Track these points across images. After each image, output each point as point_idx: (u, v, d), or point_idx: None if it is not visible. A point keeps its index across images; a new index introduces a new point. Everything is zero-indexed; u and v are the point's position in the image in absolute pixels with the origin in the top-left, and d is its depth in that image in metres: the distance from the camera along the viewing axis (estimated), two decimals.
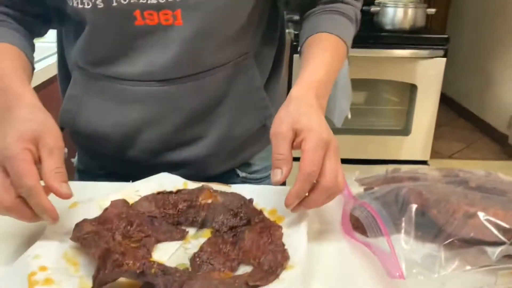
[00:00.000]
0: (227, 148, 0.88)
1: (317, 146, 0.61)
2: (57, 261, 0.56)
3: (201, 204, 0.68)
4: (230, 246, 0.61)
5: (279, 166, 0.62)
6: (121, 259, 0.56)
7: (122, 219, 0.62)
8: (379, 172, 0.80)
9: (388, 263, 0.56)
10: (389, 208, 0.65)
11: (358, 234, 0.68)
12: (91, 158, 0.93)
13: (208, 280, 0.53)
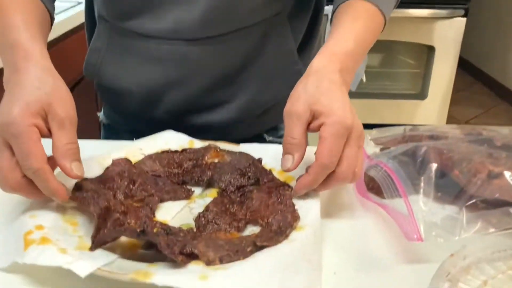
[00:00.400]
0: (254, 113, 0.84)
1: (338, 133, 0.54)
2: (55, 221, 0.53)
3: (207, 163, 0.65)
4: (237, 206, 0.58)
5: (290, 151, 0.57)
6: (122, 218, 0.53)
7: (124, 178, 0.59)
8: (396, 131, 0.75)
9: (405, 225, 0.53)
10: (407, 168, 0.61)
11: (372, 195, 0.65)
12: (116, 113, 0.90)
13: (213, 241, 0.50)
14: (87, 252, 0.49)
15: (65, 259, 0.46)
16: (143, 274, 0.45)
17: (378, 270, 0.52)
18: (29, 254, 0.47)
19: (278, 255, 0.48)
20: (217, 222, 0.55)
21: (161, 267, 0.47)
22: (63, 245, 0.49)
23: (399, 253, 0.54)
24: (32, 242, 0.48)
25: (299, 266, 0.47)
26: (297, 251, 0.49)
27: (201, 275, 0.45)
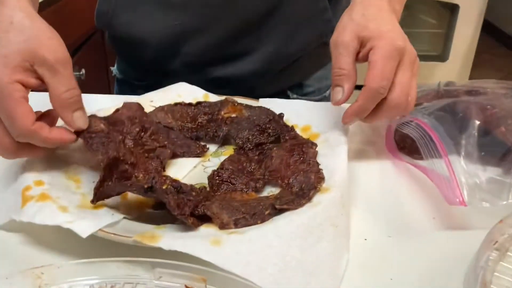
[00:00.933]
0: (277, 66, 0.78)
1: (389, 55, 0.50)
2: (57, 176, 0.48)
3: (224, 117, 0.59)
4: (255, 165, 0.52)
5: (340, 83, 0.52)
6: (130, 170, 0.48)
7: (135, 123, 0.53)
8: (429, 86, 0.68)
9: (446, 188, 0.47)
10: (445, 125, 0.54)
11: (404, 155, 0.59)
12: (130, 67, 0.85)
13: (228, 202, 0.45)
14: (90, 211, 0.44)
15: (65, 218, 0.42)
16: (149, 237, 0.40)
17: (413, 237, 0.46)
18: (26, 211, 0.43)
19: (300, 219, 0.43)
20: (233, 182, 0.50)
21: (169, 229, 0.43)
22: (64, 203, 0.44)
23: (437, 219, 0.48)
24: (31, 198, 0.44)
25: (323, 232, 0.42)
26: (322, 215, 0.44)
27: (214, 240, 0.40)
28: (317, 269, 0.40)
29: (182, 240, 0.40)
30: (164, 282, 0.37)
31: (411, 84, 0.51)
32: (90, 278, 0.37)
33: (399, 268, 0.42)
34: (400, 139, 0.61)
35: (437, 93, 0.67)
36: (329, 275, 0.40)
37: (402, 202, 0.51)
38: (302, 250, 0.40)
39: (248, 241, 0.40)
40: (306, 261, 0.40)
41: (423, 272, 0.42)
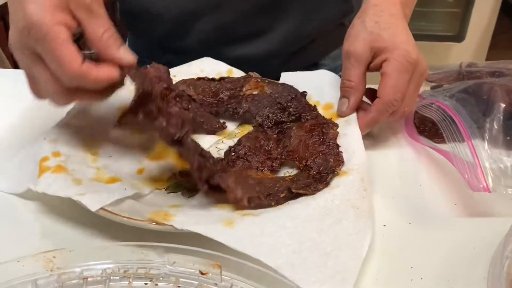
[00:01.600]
0: (294, 46, 0.76)
1: (404, 68, 0.50)
2: (75, 148, 0.48)
3: (245, 94, 0.57)
4: (273, 143, 0.51)
5: (347, 95, 0.53)
6: (156, 114, 0.43)
7: (161, 81, 0.52)
8: (451, 67, 0.66)
9: (469, 174, 0.45)
10: (468, 108, 0.52)
11: (424, 138, 0.57)
12: (142, 44, 0.83)
13: (243, 178, 0.44)
14: (103, 185, 0.44)
15: (78, 190, 0.41)
16: (162, 215, 0.39)
17: (434, 224, 0.45)
18: (42, 182, 0.42)
19: (316, 202, 0.42)
20: (249, 159, 0.48)
21: (183, 209, 0.42)
22: (79, 176, 0.44)
23: (459, 205, 0.47)
24: (47, 169, 0.44)
25: (342, 213, 0.41)
26: (340, 197, 0.42)
27: (227, 221, 0.39)
28: (336, 249, 0.38)
29: (195, 220, 0.39)
30: (178, 268, 0.36)
31: (415, 94, 0.53)
32: (103, 262, 0.36)
33: (419, 256, 0.41)
34: (420, 122, 0.59)
35: (459, 75, 0.64)
36: (349, 256, 0.38)
37: (422, 188, 0.49)
38: (318, 231, 0.39)
39: (262, 223, 0.39)
40: (323, 242, 0.38)
41: (445, 260, 0.40)
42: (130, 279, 0.36)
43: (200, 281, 0.36)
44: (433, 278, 0.39)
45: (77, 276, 0.36)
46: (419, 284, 0.38)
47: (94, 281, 0.36)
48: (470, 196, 0.47)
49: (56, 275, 0.36)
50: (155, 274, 0.36)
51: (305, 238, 0.38)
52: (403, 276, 0.39)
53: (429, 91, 0.61)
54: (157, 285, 0.36)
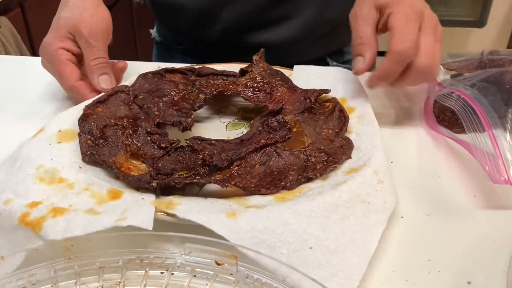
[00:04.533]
0: (316, 33, 0.76)
1: (408, 18, 0.49)
2: (42, 191, 0.41)
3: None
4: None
5: (360, 52, 0.52)
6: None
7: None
8: (472, 55, 0.64)
9: (490, 165, 0.44)
10: (490, 97, 0.51)
11: (444, 128, 0.56)
12: (169, 31, 0.85)
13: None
14: (117, 203, 0.40)
15: (110, 218, 0.37)
16: (166, 203, 0.39)
17: (453, 216, 0.44)
18: (50, 229, 0.36)
19: (322, 198, 0.40)
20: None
21: (187, 199, 0.41)
22: (82, 207, 0.39)
23: (478, 197, 0.46)
24: (42, 219, 0.37)
25: (350, 209, 0.40)
26: (348, 193, 0.41)
27: (230, 212, 0.38)
28: (341, 246, 0.37)
29: (198, 209, 0.39)
30: (194, 258, 0.36)
31: (435, 50, 0.50)
32: (120, 251, 0.37)
33: (437, 249, 0.40)
34: (440, 111, 0.58)
35: (480, 63, 0.63)
36: (355, 253, 0.37)
37: (441, 179, 0.48)
38: (323, 227, 0.38)
39: (265, 217, 0.38)
40: (327, 239, 0.37)
41: (464, 253, 0.40)
42: (147, 268, 0.36)
43: (216, 271, 0.36)
44: (451, 272, 0.38)
45: (95, 264, 0.36)
46: (436, 277, 0.38)
47: (111, 269, 0.36)
48: (490, 188, 0.46)
49: (74, 263, 0.36)
50: (171, 264, 0.37)
51: (308, 235, 0.37)
52: (421, 269, 0.38)
53: (449, 80, 0.60)
54: (173, 274, 0.36)
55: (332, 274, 0.35)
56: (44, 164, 0.43)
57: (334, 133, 0.49)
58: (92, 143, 0.46)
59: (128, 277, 0.36)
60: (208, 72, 0.58)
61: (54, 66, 0.55)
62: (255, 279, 0.35)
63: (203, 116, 0.58)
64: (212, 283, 0.35)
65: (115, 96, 0.52)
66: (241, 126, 0.56)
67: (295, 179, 0.43)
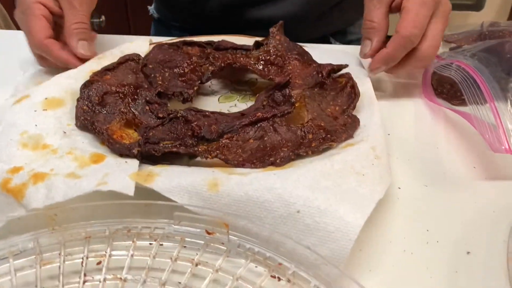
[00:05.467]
0: (319, 8, 0.73)
1: (424, 3, 0.48)
2: (25, 156, 0.39)
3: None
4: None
5: (369, 36, 0.51)
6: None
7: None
8: (473, 26, 0.63)
9: (491, 135, 0.43)
10: (491, 67, 0.49)
11: (442, 100, 0.54)
12: (167, 7, 0.83)
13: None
14: (99, 166, 0.39)
15: (90, 181, 0.36)
16: (144, 175, 0.36)
17: (452, 187, 0.43)
18: (32, 198, 0.35)
19: (312, 165, 0.38)
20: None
21: (170, 168, 0.38)
22: (64, 171, 0.38)
23: (478, 168, 0.45)
24: (23, 186, 0.36)
25: (343, 178, 0.37)
26: (341, 163, 0.38)
27: (212, 183, 0.36)
28: (333, 205, 0.34)
29: (177, 181, 0.36)
30: (184, 227, 0.35)
31: (440, 36, 0.50)
32: (105, 221, 0.35)
33: (436, 219, 0.39)
34: (438, 84, 0.56)
35: (480, 35, 0.61)
36: (350, 211, 0.33)
37: (439, 151, 0.47)
38: (312, 190, 0.35)
39: (248, 184, 0.35)
40: (316, 199, 0.34)
41: (463, 224, 0.39)
42: (134, 239, 0.35)
43: (207, 241, 0.35)
44: (450, 242, 0.37)
45: (80, 234, 0.35)
46: (435, 247, 0.37)
47: (97, 240, 0.35)
48: (490, 159, 0.45)
49: (58, 234, 0.34)
50: (159, 234, 0.35)
51: (296, 198, 0.34)
52: (418, 239, 0.37)
53: (448, 52, 0.58)
54: (162, 245, 0.35)
55: (322, 239, 0.33)
56: (28, 130, 0.41)
57: (341, 110, 0.47)
58: (88, 108, 0.45)
59: (114, 248, 0.35)
60: (227, 46, 0.55)
61: (26, 18, 0.51)
62: (247, 248, 0.34)
63: (213, 89, 0.56)
64: (202, 253, 0.34)
65: (125, 64, 0.51)
66: (234, 99, 0.54)
67: (286, 156, 0.40)
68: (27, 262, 0.33)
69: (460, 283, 0.34)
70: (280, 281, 0.32)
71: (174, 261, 0.34)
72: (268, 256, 0.33)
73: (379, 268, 0.35)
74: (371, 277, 0.34)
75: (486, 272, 0.35)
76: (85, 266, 0.33)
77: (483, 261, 0.35)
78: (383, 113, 0.47)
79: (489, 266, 0.35)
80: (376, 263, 0.35)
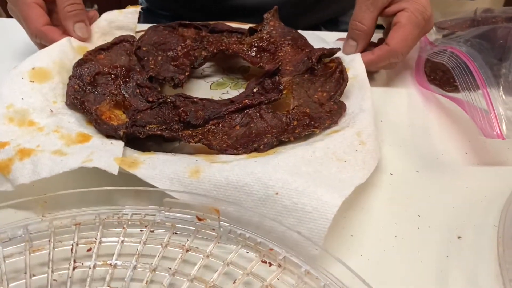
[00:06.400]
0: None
1: (418, 23, 0.50)
2: (10, 132, 0.40)
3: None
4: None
5: (356, 38, 0.52)
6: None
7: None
8: (466, 13, 0.62)
9: (482, 120, 0.43)
10: (484, 53, 0.49)
11: (435, 87, 0.54)
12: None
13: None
14: (84, 145, 0.39)
15: (76, 158, 0.36)
16: (129, 162, 0.37)
17: (443, 173, 0.43)
18: (19, 173, 0.36)
19: (293, 151, 0.38)
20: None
21: (154, 156, 0.38)
22: (51, 148, 0.38)
23: (470, 154, 0.45)
24: (9, 161, 0.36)
25: (323, 165, 0.37)
26: (325, 150, 0.38)
27: (194, 170, 0.36)
28: (311, 187, 0.34)
29: (160, 168, 0.36)
30: (174, 214, 0.35)
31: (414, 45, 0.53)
32: (96, 208, 0.35)
33: (427, 205, 0.39)
34: (431, 70, 0.56)
35: (473, 21, 0.61)
36: (327, 191, 0.34)
37: (431, 137, 0.47)
38: (291, 174, 0.35)
39: (229, 170, 0.35)
40: (295, 181, 0.34)
41: (454, 209, 0.39)
42: (124, 225, 0.35)
43: (198, 227, 0.34)
44: (442, 227, 0.37)
45: (70, 221, 0.34)
46: (426, 232, 0.37)
47: (87, 227, 0.35)
48: (482, 145, 0.45)
49: (48, 221, 0.34)
50: (150, 221, 0.35)
51: (275, 180, 0.34)
52: (410, 225, 0.37)
53: (441, 39, 0.58)
54: (153, 231, 0.35)
55: (300, 219, 0.33)
56: (14, 104, 0.41)
57: (328, 96, 0.46)
58: (79, 88, 0.45)
59: (105, 234, 0.34)
60: (223, 29, 0.55)
61: (19, 8, 0.51)
62: (238, 234, 0.33)
63: (205, 74, 0.56)
64: (193, 239, 0.34)
65: (119, 45, 0.52)
66: (226, 86, 0.54)
67: (269, 142, 0.40)
68: (16, 249, 0.33)
69: (451, 268, 0.34)
70: (271, 266, 0.32)
71: (164, 247, 0.33)
72: (259, 242, 0.33)
73: (370, 253, 0.35)
74: (362, 261, 0.34)
75: (477, 257, 0.35)
76: (75, 253, 0.33)
77: (473, 245, 0.36)
78: (376, 99, 0.47)
79: (479, 250, 0.35)
80: (367, 248, 0.35)
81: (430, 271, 0.34)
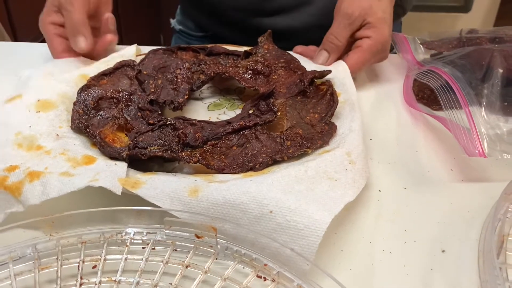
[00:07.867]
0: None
1: (376, 51, 0.58)
2: (19, 156, 0.42)
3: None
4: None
5: (330, 50, 0.59)
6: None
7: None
8: (451, 34, 0.65)
9: (465, 139, 0.45)
10: (467, 74, 0.52)
11: (422, 106, 0.57)
12: (188, 17, 0.88)
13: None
14: (91, 167, 0.41)
15: (83, 178, 0.38)
16: (132, 182, 0.39)
17: (429, 189, 0.45)
18: (29, 194, 0.38)
19: (287, 171, 0.40)
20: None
21: (156, 176, 0.40)
22: (58, 170, 0.40)
23: (455, 170, 0.47)
24: (20, 184, 0.39)
25: (315, 184, 0.39)
26: (315, 169, 0.40)
27: (192, 189, 0.38)
28: (303, 205, 0.36)
29: (162, 188, 0.38)
30: (174, 232, 0.37)
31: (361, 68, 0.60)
32: (100, 227, 0.37)
33: (414, 220, 0.41)
34: (419, 89, 0.59)
35: (459, 42, 0.64)
36: (318, 210, 0.36)
37: (418, 154, 0.49)
38: (284, 193, 0.37)
39: (226, 190, 0.37)
40: (288, 200, 0.36)
41: (439, 224, 0.41)
42: (128, 243, 0.37)
43: (196, 244, 0.37)
44: (427, 241, 0.39)
45: (76, 240, 0.37)
46: (412, 246, 0.39)
47: (92, 245, 0.37)
48: (466, 162, 0.48)
49: (55, 240, 0.36)
50: (151, 239, 0.37)
51: (269, 199, 0.36)
52: (397, 239, 0.39)
53: (429, 59, 0.61)
54: (154, 249, 0.37)
55: (292, 236, 0.35)
56: (23, 131, 0.44)
57: (319, 118, 0.49)
58: (83, 112, 0.48)
59: (109, 252, 0.37)
60: (220, 52, 0.59)
61: (46, 39, 0.60)
62: (234, 250, 0.36)
63: (203, 96, 0.58)
64: (192, 256, 0.36)
65: (121, 70, 0.55)
66: (223, 107, 0.56)
67: (264, 161, 0.43)
68: (26, 267, 0.35)
69: (435, 280, 0.36)
70: (266, 280, 0.34)
71: (165, 263, 0.36)
72: (254, 258, 0.35)
73: (359, 267, 0.37)
74: (351, 275, 0.36)
75: (459, 270, 0.37)
76: (81, 270, 0.35)
77: (456, 259, 0.38)
78: (365, 118, 0.49)
79: (462, 263, 0.37)
80: (356, 262, 0.38)
81: (416, 284, 0.36)
